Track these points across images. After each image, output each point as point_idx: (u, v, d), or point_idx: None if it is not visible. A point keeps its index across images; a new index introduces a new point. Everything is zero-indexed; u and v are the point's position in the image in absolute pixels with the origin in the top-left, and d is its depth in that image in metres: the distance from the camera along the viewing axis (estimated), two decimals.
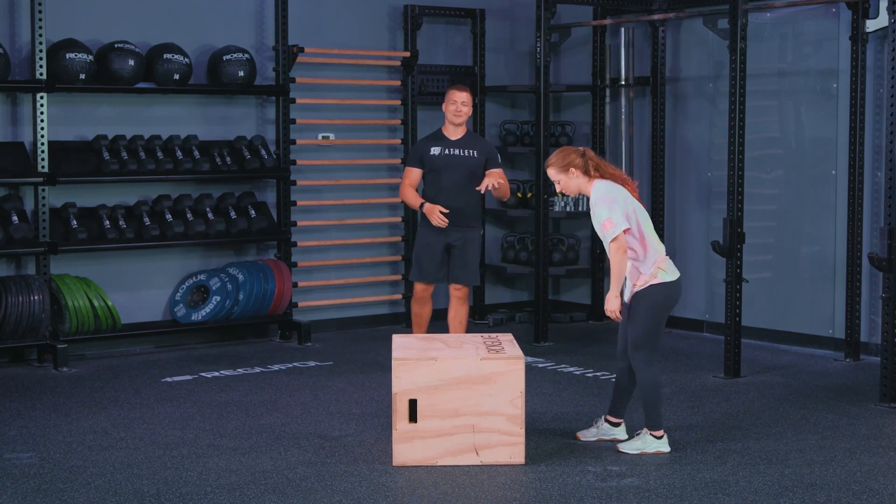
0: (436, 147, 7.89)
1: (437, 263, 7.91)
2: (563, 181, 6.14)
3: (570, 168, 6.10)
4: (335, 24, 9.78)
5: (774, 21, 9.15)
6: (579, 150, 6.16)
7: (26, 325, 8.16)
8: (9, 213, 8.23)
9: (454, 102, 7.84)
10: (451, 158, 7.86)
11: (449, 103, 7.87)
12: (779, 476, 5.73)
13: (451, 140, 7.90)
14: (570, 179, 6.12)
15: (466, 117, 7.89)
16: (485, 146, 8.01)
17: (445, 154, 7.86)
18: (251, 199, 9.27)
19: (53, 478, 5.70)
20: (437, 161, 7.87)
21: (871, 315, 8.57)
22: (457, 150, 7.87)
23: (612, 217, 5.96)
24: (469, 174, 7.85)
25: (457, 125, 7.89)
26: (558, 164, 6.12)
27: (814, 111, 8.98)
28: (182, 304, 9.04)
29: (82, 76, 8.39)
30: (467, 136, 7.95)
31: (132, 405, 7.20)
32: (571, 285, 10.70)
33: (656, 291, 6.06)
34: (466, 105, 7.86)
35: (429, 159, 7.89)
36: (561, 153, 6.15)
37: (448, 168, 7.85)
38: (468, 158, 7.87)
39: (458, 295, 7.99)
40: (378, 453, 6.11)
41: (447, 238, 7.88)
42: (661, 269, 6.07)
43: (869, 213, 8.55)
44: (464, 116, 7.87)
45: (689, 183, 9.82)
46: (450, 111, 7.86)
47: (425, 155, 7.91)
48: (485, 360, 5.89)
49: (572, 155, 6.12)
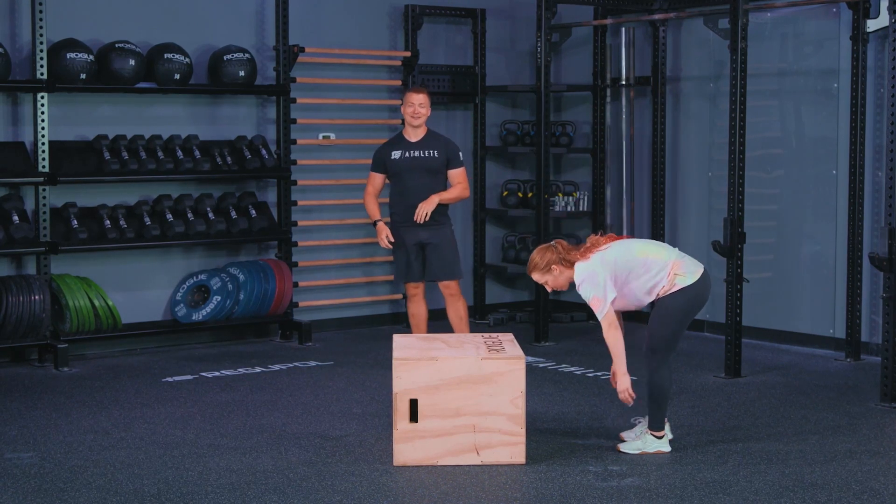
0: (396, 151, 8.03)
1: (413, 261, 8.03)
2: (550, 281, 6.18)
3: (551, 266, 6.13)
4: (336, 24, 9.79)
5: (775, 21, 9.15)
6: (551, 245, 6.18)
7: (27, 324, 8.16)
8: (9, 212, 8.24)
9: (411, 105, 7.96)
10: (412, 161, 7.97)
11: (406, 105, 7.99)
12: (779, 476, 5.72)
13: (411, 142, 8.01)
14: (557, 277, 6.15)
15: (424, 118, 8.01)
16: (445, 145, 8.10)
17: (406, 157, 7.98)
18: (252, 199, 9.27)
19: (54, 478, 5.70)
20: (399, 164, 7.99)
21: (872, 315, 8.57)
22: (417, 152, 7.98)
23: (597, 293, 5.99)
24: (431, 175, 7.98)
25: (415, 127, 7.99)
26: (539, 268, 6.15)
27: (814, 111, 8.98)
28: (183, 303, 9.04)
29: (83, 76, 8.39)
30: (427, 137, 8.04)
31: (133, 405, 7.20)
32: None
33: (677, 298, 6.04)
34: (424, 107, 7.97)
35: (390, 164, 8.03)
36: (538, 255, 6.15)
37: (409, 170, 7.97)
38: (428, 159, 7.97)
39: (448, 292, 8.10)
40: (379, 453, 6.11)
41: (417, 237, 8.01)
42: (679, 275, 6.03)
43: (869, 212, 8.55)
44: (422, 118, 7.98)
45: (689, 182, 9.82)
46: (407, 113, 7.98)
47: (387, 160, 8.05)
48: (485, 360, 5.89)
49: (548, 253, 6.13)
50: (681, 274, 6.04)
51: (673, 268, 6.04)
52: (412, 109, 7.95)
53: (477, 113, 10.43)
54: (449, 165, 8.02)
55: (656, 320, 6.07)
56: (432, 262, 8.02)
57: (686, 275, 6.04)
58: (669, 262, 6.05)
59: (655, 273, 6.02)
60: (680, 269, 6.05)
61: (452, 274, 8.07)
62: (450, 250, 8.05)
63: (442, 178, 8.02)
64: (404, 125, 8.09)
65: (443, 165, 8.00)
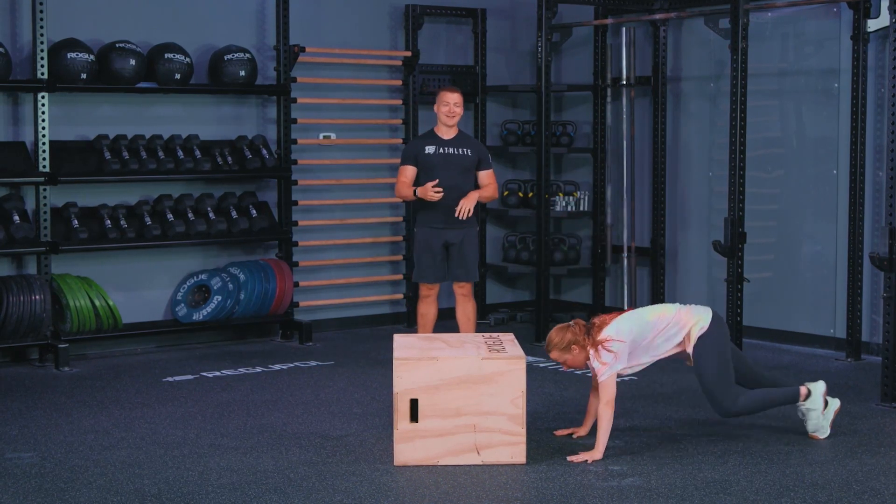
0: (430, 146, 7.95)
1: (438, 262, 7.97)
2: (569, 360, 6.19)
3: (571, 346, 6.14)
4: (336, 24, 9.79)
5: (775, 21, 9.15)
6: (570, 325, 6.20)
7: (27, 324, 8.16)
8: (10, 212, 8.24)
9: (447, 104, 7.91)
10: (446, 157, 7.91)
11: (441, 104, 7.93)
12: (780, 475, 5.73)
13: (445, 139, 7.97)
14: (576, 356, 6.16)
15: (459, 118, 7.96)
16: (477, 146, 8.09)
17: (440, 153, 7.92)
18: (252, 199, 9.27)
19: (55, 477, 5.70)
20: (432, 159, 7.92)
21: (873, 315, 8.57)
22: (451, 149, 7.93)
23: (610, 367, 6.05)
24: (463, 172, 7.92)
25: (449, 126, 7.95)
26: (560, 347, 6.16)
27: (815, 111, 8.98)
28: (183, 303, 9.04)
29: (83, 76, 8.39)
30: (460, 136, 8.02)
31: (133, 405, 7.21)
32: (573, 285, 10.70)
33: (703, 344, 6.15)
34: (459, 106, 7.94)
35: (423, 158, 7.94)
36: (557, 335, 6.18)
37: (442, 166, 7.90)
38: (462, 157, 7.92)
39: (462, 292, 8.07)
40: (379, 453, 6.11)
41: (444, 237, 7.93)
42: (693, 324, 6.16)
43: (870, 212, 8.55)
44: (457, 118, 7.95)
45: (690, 182, 9.82)
46: (442, 112, 7.92)
47: (420, 154, 7.96)
48: (486, 360, 5.89)
49: (569, 334, 6.15)
50: (693, 322, 6.17)
51: (682, 324, 6.17)
52: (447, 108, 7.90)
53: (477, 113, 10.42)
54: (480, 166, 7.99)
55: (701, 376, 6.21)
56: (454, 262, 7.97)
57: (697, 322, 6.18)
58: (677, 318, 6.18)
59: (667, 325, 6.16)
60: (689, 320, 6.18)
61: (471, 276, 8.03)
62: (472, 252, 8.01)
63: (472, 177, 7.96)
64: (437, 122, 8.01)
65: (474, 165, 7.96)
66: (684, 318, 6.19)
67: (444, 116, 7.92)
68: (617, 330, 6.11)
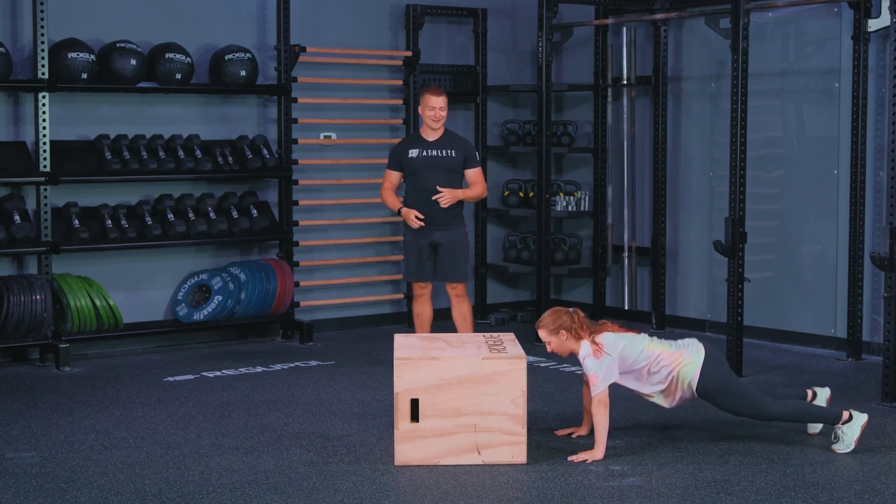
0: (413, 149, 7.98)
1: (425, 261, 8.02)
2: (553, 343, 6.17)
3: (560, 330, 6.12)
4: (337, 24, 9.79)
5: (776, 20, 9.15)
6: (569, 311, 6.17)
7: (28, 324, 8.17)
8: (10, 212, 8.24)
9: (432, 108, 7.91)
10: (430, 160, 7.94)
11: (426, 108, 7.92)
12: (781, 475, 5.72)
13: (429, 141, 7.98)
14: (562, 342, 6.14)
15: (443, 121, 7.97)
16: (463, 145, 8.08)
17: (423, 156, 7.94)
18: (253, 199, 9.27)
19: (55, 477, 5.70)
20: (416, 163, 7.95)
21: (873, 314, 8.57)
22: (434, 151, 7.95)
23: (598, 372, 6.01)
24: (448, 174, 7.95)
25: (434, 129, 7.96)
26: (549, 327, 6.15)
27: (816, 111, 8.98)
28: (184, 303, 9.04)
29: (84, 76, 8.39)
30: (445, 137, 8.02)
31: (134, 405, 7.21)
32: (573, 285, 10.70)
33: (706, 376, 6.10)
34: (444, 110, 7.94)
35: (407, 162, 7.98)
36: (551, 316, 6.16)
37: (427, 169, 7.93)
38: (446, 159, 7.94)
39: (455, 293, 8.10)
40: (380, 453, 6.11)
41: (431, 237, 7.97)
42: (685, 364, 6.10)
43: (871, 212, 8.55)
44: (441, 121, 7.95)
45: (690, 182, 9.82)
46: (427, 116, 7.93)
47: (403, 158, 8.00)
48: (487, 360, 5.89)
49: (564, 317, 6.12)
50: (686, 363, 6.11)
51: (673, 366, 6.11)
52: (433, 113, 7.89)
53: (478, 113, 10.43)
54: (466, 165, 8.01)
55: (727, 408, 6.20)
56: (443, 263, 8.00)
57: (688, 363, 6.11)
58: (667, 360, 6.12)
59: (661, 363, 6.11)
60: (684, 358, 6.12)
61: (461, 276, 8.06)
62: (462, 252, 8.04)
63: (458, 177, 7.99)
64: (421, 124, 8.05)
65: (460, 165, 7.98)
66: (678, 358, 6.12)
67: (430, 121, 7.94)
68: (613, 343, 6.09)
